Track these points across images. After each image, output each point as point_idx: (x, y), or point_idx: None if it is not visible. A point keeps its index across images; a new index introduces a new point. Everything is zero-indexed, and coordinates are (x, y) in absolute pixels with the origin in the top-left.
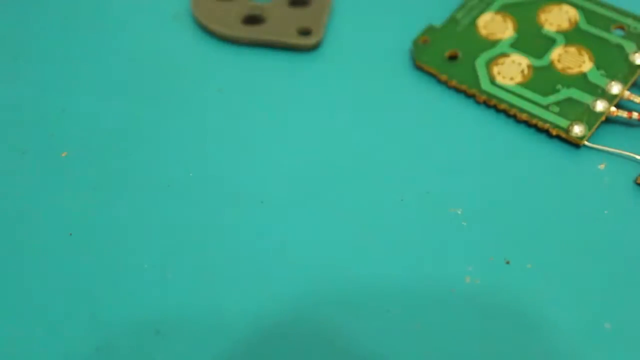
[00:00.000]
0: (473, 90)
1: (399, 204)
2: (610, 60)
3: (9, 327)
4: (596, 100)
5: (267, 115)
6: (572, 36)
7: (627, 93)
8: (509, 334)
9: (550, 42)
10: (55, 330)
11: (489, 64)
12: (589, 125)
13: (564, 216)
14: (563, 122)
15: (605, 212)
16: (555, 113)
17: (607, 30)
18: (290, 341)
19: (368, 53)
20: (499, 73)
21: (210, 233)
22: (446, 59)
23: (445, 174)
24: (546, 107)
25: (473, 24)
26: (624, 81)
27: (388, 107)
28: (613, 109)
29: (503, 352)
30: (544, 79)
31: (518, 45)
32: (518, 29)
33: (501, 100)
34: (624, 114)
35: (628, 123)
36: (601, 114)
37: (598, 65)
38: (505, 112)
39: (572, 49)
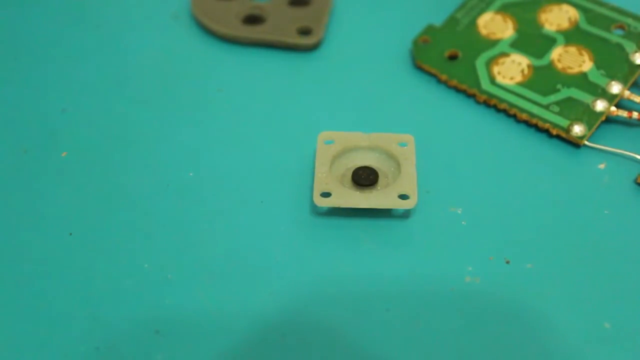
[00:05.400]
0: (473, 90)
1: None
2: (610, 60)
3: (10, 327)
4: (596, 99)
5: (267, 115)
6: (572, 36)
7: (627, 92)
8: (509, 334)
9: (550, 41)
10: (55, 330)
11: (489, 63)
12: (589, 125)
13: (564, 216)
14: (563, 122)
15: (605, 212)
16: (555, 113)
17: (607, 30)
18: (290, 341)
19: (368, 53)
20: (499, 73)
21: (210, 233)
22: (446, 59)
23: (445, 173)
24: (546, 107)
25: (473, 23)
26: (624, 81)
27: (388, 107)
28: (613, 108)
29: (503, 351)
30: (544, 78)
31: (518, 45)
32: (518, 29)
33: (501, 100)
34: (624, 113)
35: (628, 123)
36: (601, 113)
37: (598, 65)
38: (505, 112)
39: (572, 49)
